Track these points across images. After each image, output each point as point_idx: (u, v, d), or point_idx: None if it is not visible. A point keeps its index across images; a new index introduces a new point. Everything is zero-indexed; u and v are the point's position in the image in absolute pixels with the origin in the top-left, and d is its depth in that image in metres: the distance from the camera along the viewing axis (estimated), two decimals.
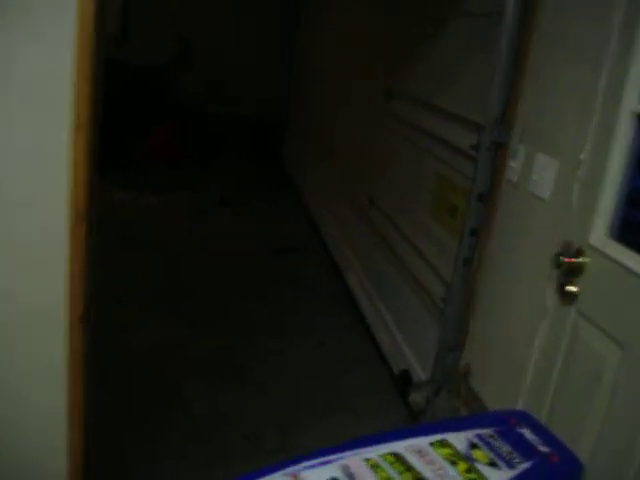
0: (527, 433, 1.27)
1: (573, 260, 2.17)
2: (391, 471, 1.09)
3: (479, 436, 1.23)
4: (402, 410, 3.28)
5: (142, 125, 7.22)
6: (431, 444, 1.18)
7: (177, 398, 3.15)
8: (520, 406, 2.42)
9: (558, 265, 2.20)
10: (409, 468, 1.10)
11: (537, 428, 1.30)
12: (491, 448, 1.21)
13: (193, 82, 7.96)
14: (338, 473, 1.06)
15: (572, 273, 2.18)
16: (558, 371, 2.32)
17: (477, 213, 2.72)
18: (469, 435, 1.23)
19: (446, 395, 2.96)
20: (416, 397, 3.15)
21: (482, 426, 1.26)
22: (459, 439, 1.20)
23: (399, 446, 1.14)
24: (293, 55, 8.23)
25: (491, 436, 1.24)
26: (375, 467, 1.09)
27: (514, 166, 2.57)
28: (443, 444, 1.19)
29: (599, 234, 2.15)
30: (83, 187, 1.78)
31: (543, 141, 2.44)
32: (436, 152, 3.31)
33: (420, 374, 3.25)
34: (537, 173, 2.43)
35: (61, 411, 1.94)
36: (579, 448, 1.34)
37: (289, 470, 1.05)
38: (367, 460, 1.10)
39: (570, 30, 2.29)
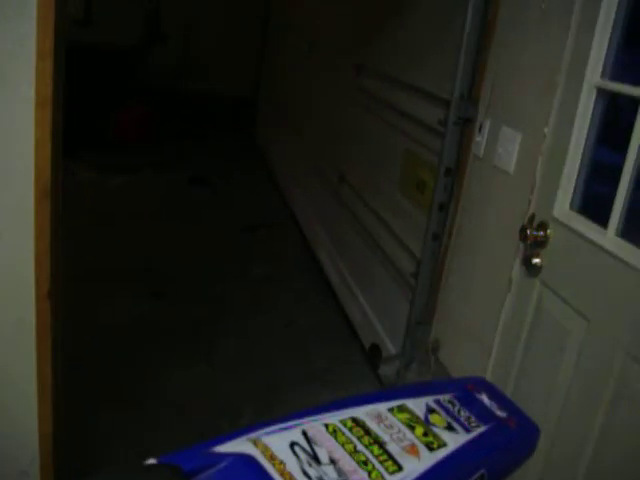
0: (485, 399, 1.31)
1: (537, 233, 2.20)
2: (350, 435, 1.11)
3: (437, 401, 1.26)
4: (374, 384, 3.32)
5: (111, 107, 7.16)
6: (390, 409, 1.20)
7: (148, 374, 3.16)
8: (487, 379, 2.46)
9: (523, 238, 2.23)
10: (368, 432, 1.13)
11: (495, 394, 1.33)
12: (449, 413, 1.24)
13: (163, 62, 7.91)
14: (298, 438, 1.08)
15: (537, 246, 2.22)
16: (523, 343, 2.36)
17: (445, 188, 2.75)
18: (428, 400, 1.26)
19: (416, 369, 3.00)
20: (387, 371, 3.19)
21: (441, 392, 1.29)
22: (418, 404, 1.23)
23: (358, 411, 1.17)
24: (264, 30, 8.19)
25: (449, 401, 1.27)
26: (334, 432, 1.12)
27: (480, 140, 2.60)
28: (402, 409, 1.21)
29: (562, 207, 2.18)
30: (48, 163, 1.78)
31: (508, 115, 2.47)
32: (405, 128, 3.33)
33: (391, 348, 3.29)
34: (502, 147, 2.46)
35: (30, 381, 1.95)
36: (543, 419, 1.37)
37: (250, 436, 1.07)
38: (327, 425, 1.13)
39: (534, 3, 2.31)
